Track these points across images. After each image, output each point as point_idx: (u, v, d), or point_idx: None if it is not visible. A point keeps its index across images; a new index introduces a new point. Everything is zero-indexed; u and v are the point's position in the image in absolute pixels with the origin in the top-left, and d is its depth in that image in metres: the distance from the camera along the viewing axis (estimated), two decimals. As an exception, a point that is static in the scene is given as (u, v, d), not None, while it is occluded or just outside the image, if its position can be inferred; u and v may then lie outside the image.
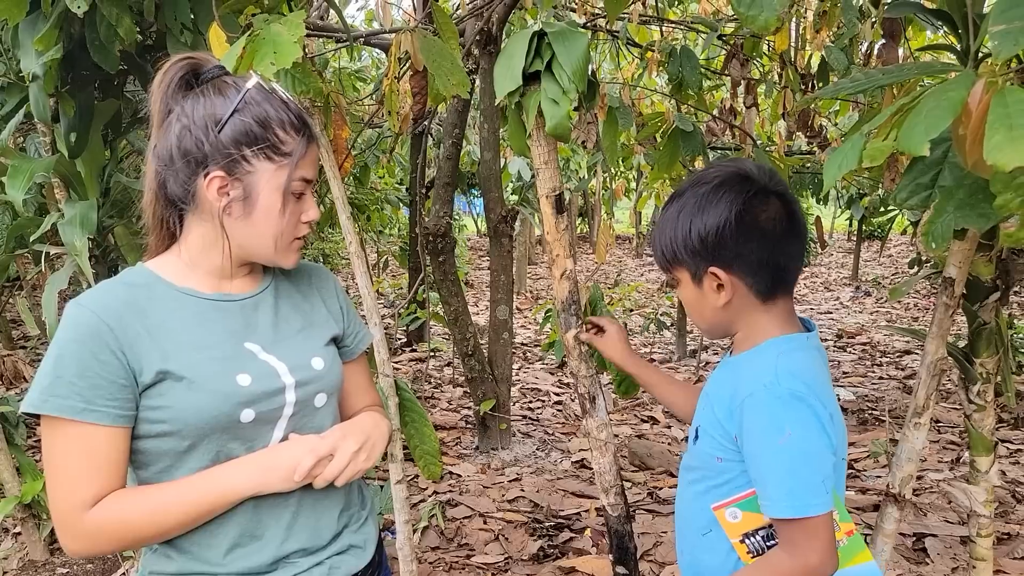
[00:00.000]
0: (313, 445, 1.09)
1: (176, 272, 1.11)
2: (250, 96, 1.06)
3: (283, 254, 1.14)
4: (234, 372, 1.06)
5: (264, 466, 1.07)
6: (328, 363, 1.19)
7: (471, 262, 10.92)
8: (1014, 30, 0.79)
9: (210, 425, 1.04)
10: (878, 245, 11.93)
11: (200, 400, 1.03)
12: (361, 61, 6.22)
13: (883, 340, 6.31)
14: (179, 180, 1.07)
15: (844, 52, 3.06)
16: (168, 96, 1.07)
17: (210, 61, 1.11)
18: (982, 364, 1.38)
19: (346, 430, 1.15)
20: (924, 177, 1.11)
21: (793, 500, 1.06)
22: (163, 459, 1.06)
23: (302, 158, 1.09)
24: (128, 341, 1.01)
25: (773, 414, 1.07)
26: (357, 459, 1.12)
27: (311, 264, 1.31)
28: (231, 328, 1.11)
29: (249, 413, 1.06)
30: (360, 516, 1.25)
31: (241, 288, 1.16)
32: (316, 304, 1.25)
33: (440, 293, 3.65)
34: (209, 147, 1.04)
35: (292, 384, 1.12)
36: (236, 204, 1.07)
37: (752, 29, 1.07)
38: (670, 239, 1.20)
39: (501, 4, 2.86)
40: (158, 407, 1.03)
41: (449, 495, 3.37)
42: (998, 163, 0.76)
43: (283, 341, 1.15)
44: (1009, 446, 3.80)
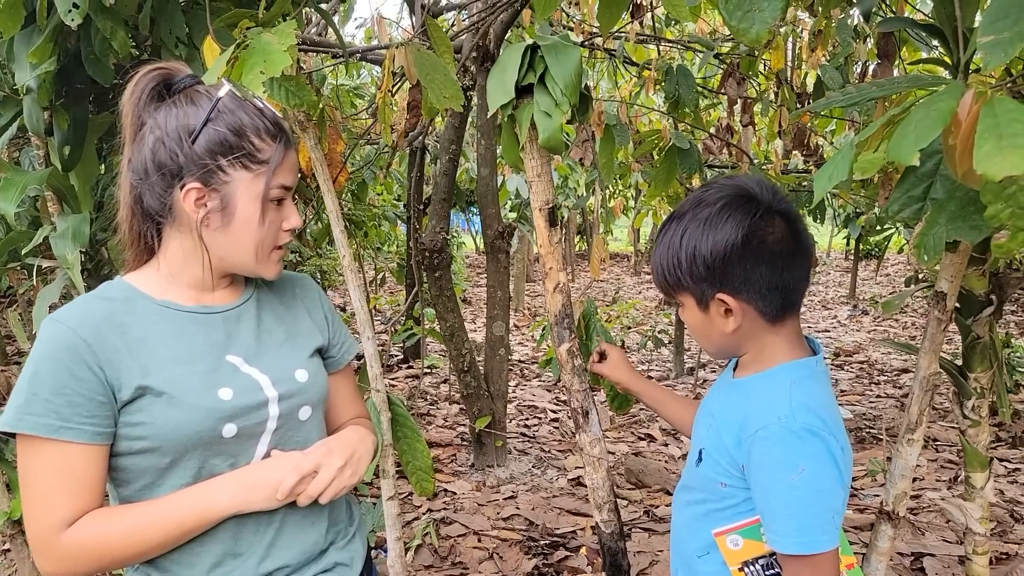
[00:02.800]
0: (296, 462, 1.07)
1: (155, 285, 1.10)
2: (223, 104, 1.05)
3: (264, 264, 1.12)
4: (215, 386, 1.04)
5: (246, 484, 1.05)
6: (312, 375, 1.16)
7: (469, 279, 10.92)
8: (1002, 41, 0.79)
9: (192, 441, 1.02)
10: (875, 264, 11.95)
11: (181, 416, 1.01)
12: (360, 78, 6.25)
13: (880, 358, 6.29)
14: (155, 193, 1.06)
15: (839, 71, 3.07)
16: (140, 108, 1.06)
17: (181, 71, 1.10)
18: (976, 379, 1.37)
19: (331, 446, 1.12)
20: (916, 189, 1.10)
21: (802, 536, 1.04)
22: (144, 476, 1.04)
23: (279, 165, 1.08)
24: (106, 356, 0.99)
25: (787, 449, 1.04)
26: (342, 475, 1.09)
27: (294, 274, 1.29)
28: (212, 340, 1.09)
29: (231, 428, 1.04)
30: (347, 533, 1.22)
31: (222, 300, 1.14)
32: (300, 315, 1.22)
33: (436, 309, 3.64)
34: (184, 158, 1.03)
35: (275, 397, 1.09)
36: (214, 215, 1.06)
37: (744, 42, 1.07)
38: (672, 264, 1.15)
39: (498, 21, 2.88)
40: (138, 423, 1.00)
41: (443, 513, 3.34)
42: (988, 173, 0.75)
43: (266, 353, 1.13)
44: (1007, 465, 3.78)
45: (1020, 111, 0.77)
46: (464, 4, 3.77)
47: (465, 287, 9.58)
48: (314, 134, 1.68)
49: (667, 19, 4.38)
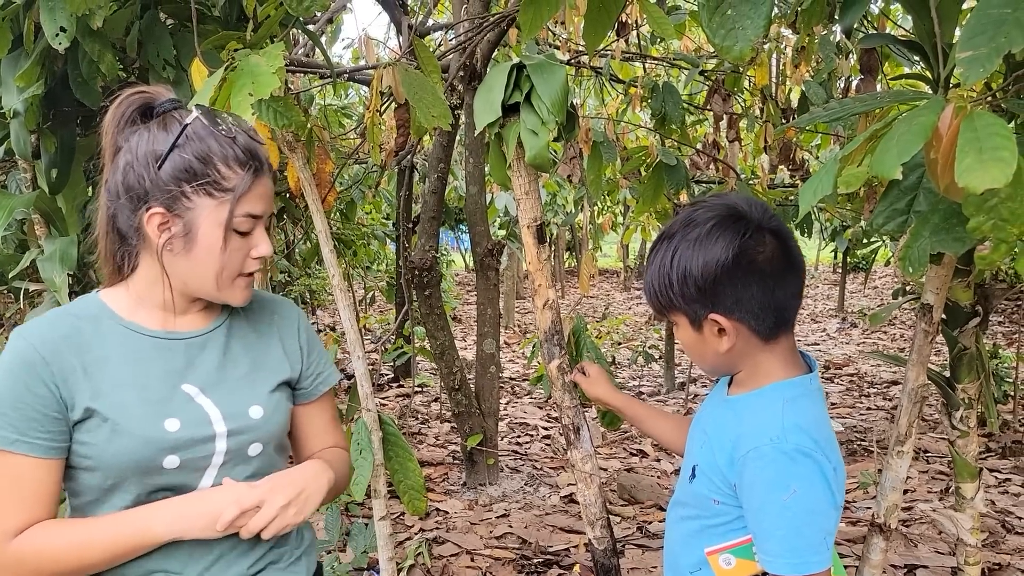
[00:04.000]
0: (238, 495, 1.05)
1: (125, 305, 1.10)
2: (192, 131, 1.05)
3: (228, 291, 1.11)
4: (163, 417, 1.05)
5: (186, 513, 1.04)
6: (268, 412, 1.15)
7: (459, 297, 10.91)
8: (980, 56, 0.80)
9: (130, 468, 1.03)
10: (863, 277, 12.02)
11: (122, 444, 1.02)
12: (347, 98, 6.27)
13: (870, 371, 6.32)
14: (125, 216, 1.07)
15: (823, 86, 3.11)
16: (117, 131, 1.07)
17: (163, 95, 1.10)
18: (964, 389, 1.38)
19: (276, 482, 1.10)
20: (900, 203, 1.12)
21: (794, 557, 1.04)
22: (90, 492, 1.06)
23: (246, 193, 1.07)
24: (62, 375, 1.01)
25: (779, 470, 1.04)
26: (285, 513, 1.07)
27: (277, 299, 1.28)
28: (170, 368, 1.09)
29: (174, 459, 1.05)
30: (292, 555, 1.21)
31: (191, 325, 1.14)
32: (272, 344, 1.21)
33: (426, 327, 3.64)
34: (149, 183, 1.04)
35: (224, 433, 1.09)
36: (177, 240, 1.06)
37: (727, 59, 1.08)
38: (664, 285, 1.15)
39: (485, 40, 2.90)
40: (85, 443, 1.02)
41: (436, 532, 3.32)
42: (969, 186, 0.76)
43: (224, 385, 1.12)
44: (998, 475, 3.79)
45: (999, 125, 0.79)
46: (451, 24, 3.80)
47: (455, 305, 9.57)
48: (302, 154, 1.69)
49: (652, 37, 4.42)
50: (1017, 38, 0.80)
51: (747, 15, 1.05)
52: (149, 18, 1.87)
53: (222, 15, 1.97)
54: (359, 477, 1.71)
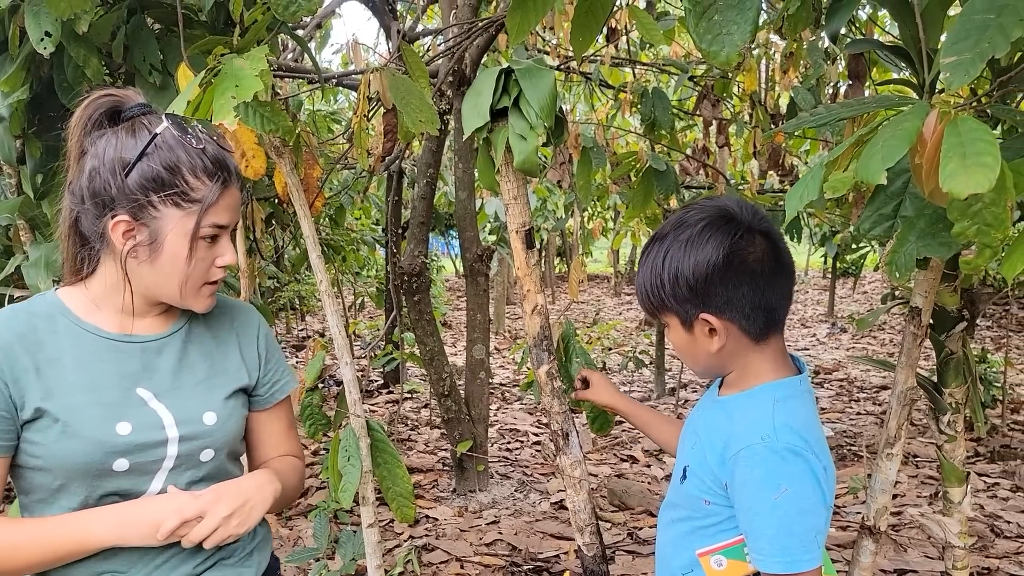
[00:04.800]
0: (180, 505, 1.05)
1: (83, 306, 1.10)
2: (161, 140, 1.04)
3: (192, 298, 1.11)
4: (115, 420, 1.04)
5: (126, 520, 1.04)
6: (222, 419, 1.15)
7: (449, 302, 10.90)
8: (964, 62, 0.81)
9: (79, 470, 1.03)
10: (852, 282, 12.07)
11: (72, 446, 1.02)
12: (336, 103, 6.26)
13: (860, 376, 6.34)
14: (89, 219, 1.06)
15: (811, 92, 3.12)
16: (83, 133, 1.06)
17: (132, 99, 1.09)
18: (951, 394, 1.38)
19: (220, 493, 1.09)
20: (886, 208, 1.12)
21: (785, 556, 1.04)
22: (38, 491, 1.06)
23: (214, 204, 1.07)
24: (13, 375, 1.01)
25: (770, 469, 1.05)
26: (228, 524, 1.07)
27: (238, 304, 1.27)
28: (125, 371, 1.08)
29: (123, 463, 1.04)
30: (245, 548, 1.21)
31: (149, 329, 1.13)
32: (230, 351, 1.21)
33: (416, 333, 3.62)
34: (116, 191, 1.03)
35: (175, 438, 1.09)
36: (142, 248, 1.06)
37: (714, 65, 1.08)
38: (656, 286, 1.16)
39: (474, 45, 2.90)
40: (35, 443, 1.02)
41: (425, 539, 3.31)
42: (953, 191, 0.77)
43: (179, 390, 1.12)
44: (987, 479, 3.80)
45: (983, 130, 0.79)
46: (440, 29, 3.80)
47: (445, 311, 9.56)
48: (290, 159, 1.68)
49: (642, 43, 4.43)
50: (1000, 43, 0.80)
51: (734, 20, 1.05)
52: (135, 23, 1.86)
53: (209, 20, 1.96)
54: (347, 484, 1.70)
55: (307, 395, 2.00)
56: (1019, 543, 3.11)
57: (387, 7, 3.34)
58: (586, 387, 1.62)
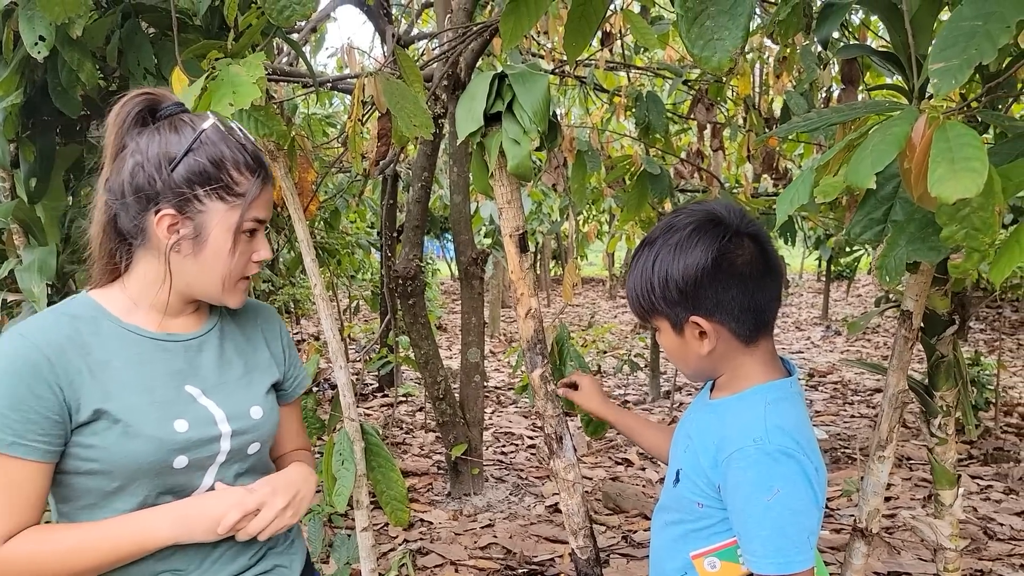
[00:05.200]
0: (239, 499, 1.07)
1: (121, 306, 1.10)
2: (206, 136, 1.06)
3: (230, 293, 1.13)
4: (172, 418, 1.05)
5: (189, 516, 1.05)
6: (266, 412, 1.17)
7: (444, 306, 10.89)
8: (952, 68, 0.81)
9: (143, 470, 1.03)
10: (846, 285, 12.10)
11: (135, 445, 1.01)
12: (332, 107, 6.27)
13: (854, 378, 6.35)
14: (129, 215, 1.07)
15: (804, 96, 3.14)
16: (123, 130, 1.07)
17: (168, 98, 1.11)
18: (942, 397, 1.39)
19: (275, 485, 1.13)
20: (876, 212, 1.13)
21: (778, 556, 1.05)
22: (88, 497, 1.04)
23: (256, 199, 1.09)
24: (68, 377, 1.00)
25: (762, 471, 1.06)
26: (283, 515, 1.10)
27: (258, 303, 1.30)
28: (172, 370, 1.09)
29: (183, 460, 1.05)
30: (287, 537, 1.24)
31: (186, 327, 1.14)
32: (259, 347, 1.23)
33: (410, 337, 3.63)
34: (161, 185, 1.04)
35: (228, 433, 1.10)
36: (186, 242, 1.07)
37: (706, 70, 1.09)
38: (646, 290, 1.17)
39: (468, 49, 2.90)
40: (90, 446, 1.01)
41: (420, 543, 3.31)
42: (942, 196, 0.77)
43: (224, 386, 1.13)
44: (980, 482, 3.82)
45: (971, 136, 0.80)
46: (435, 33, 3.81)
47: (440, 314, 9.55)
48: (284, 163, 1.69)
49: (636, 47, 4.45)
50: (987, 50, 0.81)
51: (725, 26, 1.05)
52: (129, 27, 1.86)
53: (203, 24, 1.96)
54: (341, 488, 1.70)
55: (302, 399, 2.00)
56: (1012, 545, 3.13)
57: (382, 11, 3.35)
58: (575, 389, 1.62)
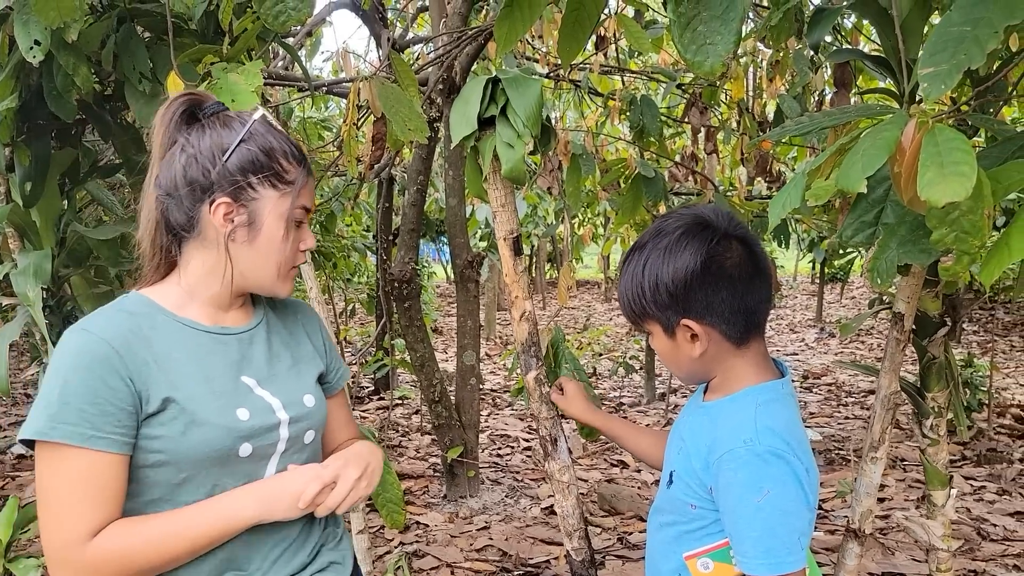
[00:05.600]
0: (317, 473, 1.10)
1: (175, 301, 1.13)
2: (255, 128, 1.11)
3: (283, 282, 1.17)
4: (234, 406, 1.08)
5: (270, 493, 1.08)
6: (318, 400, 1.21)
7: (440, 309, 10.89)
8: (941, 73, 0.83)
9: (209, 459, 1.05)
10: (840, 287, 12.13)
11: (202, 434, 1.03)
12: (327, 111, 6.27)
13: (848, 380, 6.37)
14: (183, 208, 1.10)
15: (797, 100, 3.15)
16: (172, 128, 1.11)
17: (210, 97, 1.16)
18: (933, 398, 1.40)
19: (347, 457, 1.16)
20: (868, 215, 1.14)
21: (769, 558, 1.06)
22: (155, 490, 1.05)
23: (303, 187, 1.14)
24: (136, 368, 1.02)
25: (752, 472, 1.06)
26: (359, 486, 1.13)
27: (296, 300, 1.34)
28: (229, 361, 1.12)
29: (247, 447, 1.08)
30: (336, 534, 1.27)
31: (236, 321, 1.18)
32: (302, 340, 1.27)
33: (406, 340, 3.63)
34: (216, 175, 1.08)
35: (286, 420, 1.13)
36: (240, 230, 1.10)
37: (699, 74, 1.10)
38: (636, 294, 1.18)
39: (463, 54, 2.91)
40: (157, 436, 1.02)
41: (416, 545, 3.31)
42: (931, 199, 0.78)
43: (276, 377, 1.17)
44: (973, 483, 3.83)
45: (960, 140, 0.81)
46: (430, 37, 3.82)
47: (436, 317, 9.55)
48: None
49: (630, 51, 4.46)
50: (976, 54, 0.82)
51: (717, 31, 1.06)
52: (125, 31, 1.87)
53: (199, 28, 1.96)
54: (337, 490, 1.71)
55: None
56: (1005, 546, 3.14)
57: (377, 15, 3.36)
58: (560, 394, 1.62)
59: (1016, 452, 4.22)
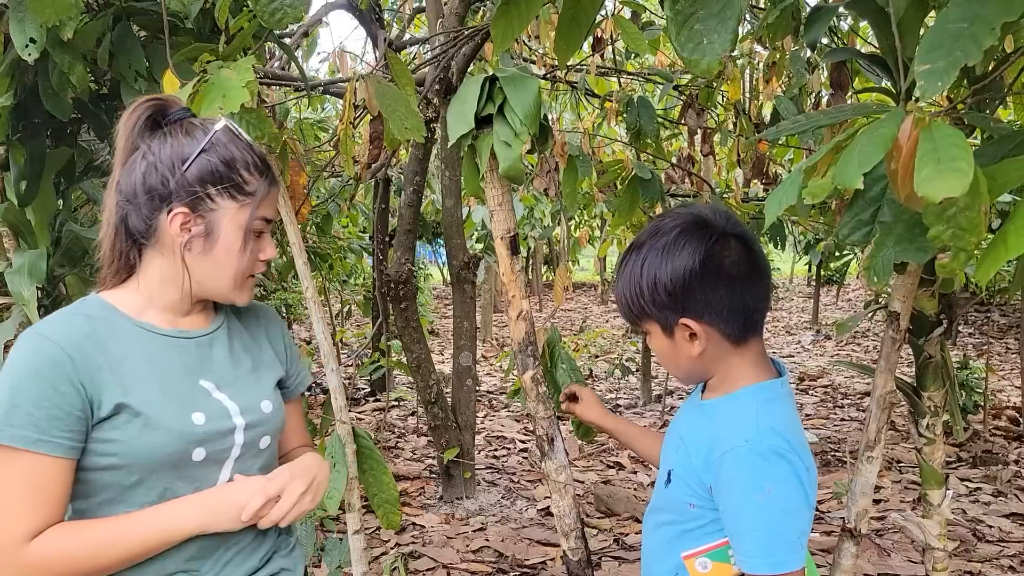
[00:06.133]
0: (262, 486, 1.10)
1: (133, 306, 1.13)
2: (217, 138, 1.10)
3: (239, 291, 1.16)
4: (190, 410, 1.08)
5: (213, 505, 1.08)
6: (276, 406, 1.21)
7: (436, 310, 10.88)
8: (937, 70, 0.82)
9: (162, 462, 1.05)
10: (836, 289, 12.15)
11: (156, 437, 1.04)
12: (324, 111, 6.26)
13: (844, 382, 6.38)
14: (141, 215, 1.10)
15: (794, 101, 3.15)
16: (134, 134, 1.11)
17: (176, 103, 1.15)
18: (930, 398, 1.40)
19: (293, 471, 1.16)
20: (865, 213, 1.14)
21: (769, 556, 1.06)
22: (106, 491, 1.06)
23: (264, 198, 1.13)
24: (88, 373, 1.02)
25: (754, 471, 1.06)
26: (303, 500, 1.14)
27: (259, 304, 1.33)
28: (187, 365, 1.12)
29: (201, 452, 1.08)
30: (288, 542, 1.27)
31: (195, 324, 1.18)
32: (263, 345, 1.27)
33: (403, 341, 3.62)
34: (174, 184, 1.07)
35: (242, 425, 1.13)
36: (197, 240, 1.10)
37: (695, 73, 1.10)
38: (635, 294, 1.18)
39: (460, 54, 2.91)
40: (110, 440, 1.03)
41: (412, 547, 3.30)
42: (928, 195, 0.78)
43: (236, 381, 1.17)
44: (969, 484, 3.84)
45: (957, 136, 0.81)
46: (427, 38, 3.81)
47: (432, 318, 9.54)
48: (276, 166, 1.68)
49: (627, 52, 4.46)
50: (973, 52, 0.82)
51: (714, 30, 1.06)
52: (121, 30, 1.86)
53: (195, 27, 1.96)
54: (333, 491, 1.70)
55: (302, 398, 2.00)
56: (1001, 547, 3.14)
57: (374, 16, 3.35)
58: (575, 402, 1.62)
59: (1011, 454, 4.22)
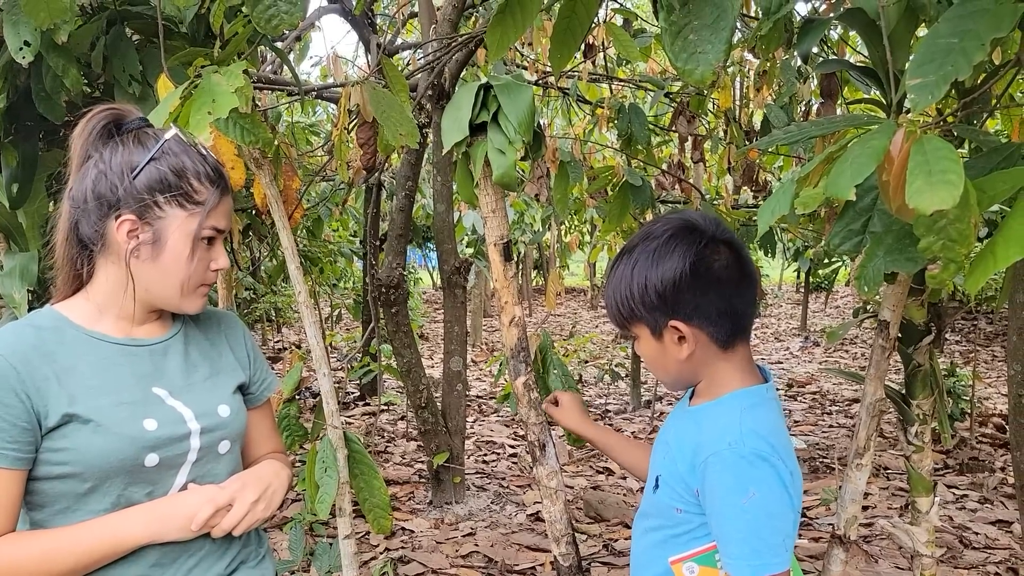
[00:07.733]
0: (211, 495, 1.11)
1: (85, 315, 1.13)
2: (168, 147, 1.11)
3: (188, 299, 1.17)
4: (141, 417, 1.08)
5: (161, 515, 1.08)
6: (234, 411, 1.21)
7: (426, 315, 10.88)
8: (928, 84, 0.84)
9: (114, 468, 1.05)
10: (825, 296, 12.21)
11: (106, 443, 1.04)
12: (315, 115, 6.26)
13: (832, 389, 6.41)
14: (90, 222, 1.10)
15: (785, 110, 3.18)
16: (88, 143, 1.11)
17: (133, 112, 1.16)
18: (918, 405, 1.41)
19: (245, 480, 1.17)
20: (855, 223, 1.15)
21: (754, 559, 1.07)
22: (61, 500, 1.06)
23: (214, 208, 1.14)
24: (34, 385, 1.02)
25: (738, 474, 1.07)
26: (255, 509, 1.14)
27: (220, 311, 1.35)
28: (139, 373, 1.12)
29: (153, 458, 1.08)
30: (258, 553, 1.27)
31: (150, 333, 1.18)
32: (224, 351, 1.27)
33: (393, 345, 3.62)
34: (123, 192, 1.08)
35: (197, 430, 1.14)
36: (145, 247, 1.10)
37: (689, 82, 1.11)
38: (625, 296, 1.19)
39: (453, 60, 2.92)
40: (61, 449, 1.03)
41: (401, 551, 3.30)
42: (919, 207, 0.79)
43: (191, 387, 1.17)
44: (955, 491, 3.86)
45: (947, 149, 0.82)
46: (420, 44, 3.82)
47: (422, 323, 9.54)
48: (269, 171, 1.69)
49: (619, 59, 4.48)
50: (963, 66, 0.83)
51: (708, 40, 1.07)
52: (115, 33, 1.86)
53: (189, 31, 1.96)
54: (324, 495, 1.70)
55: (284, 406, 2.00)
56: (987, 553, 3.17)
57: (367, 21, 3.36)
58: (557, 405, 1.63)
59: (998, 461, 4.25)
